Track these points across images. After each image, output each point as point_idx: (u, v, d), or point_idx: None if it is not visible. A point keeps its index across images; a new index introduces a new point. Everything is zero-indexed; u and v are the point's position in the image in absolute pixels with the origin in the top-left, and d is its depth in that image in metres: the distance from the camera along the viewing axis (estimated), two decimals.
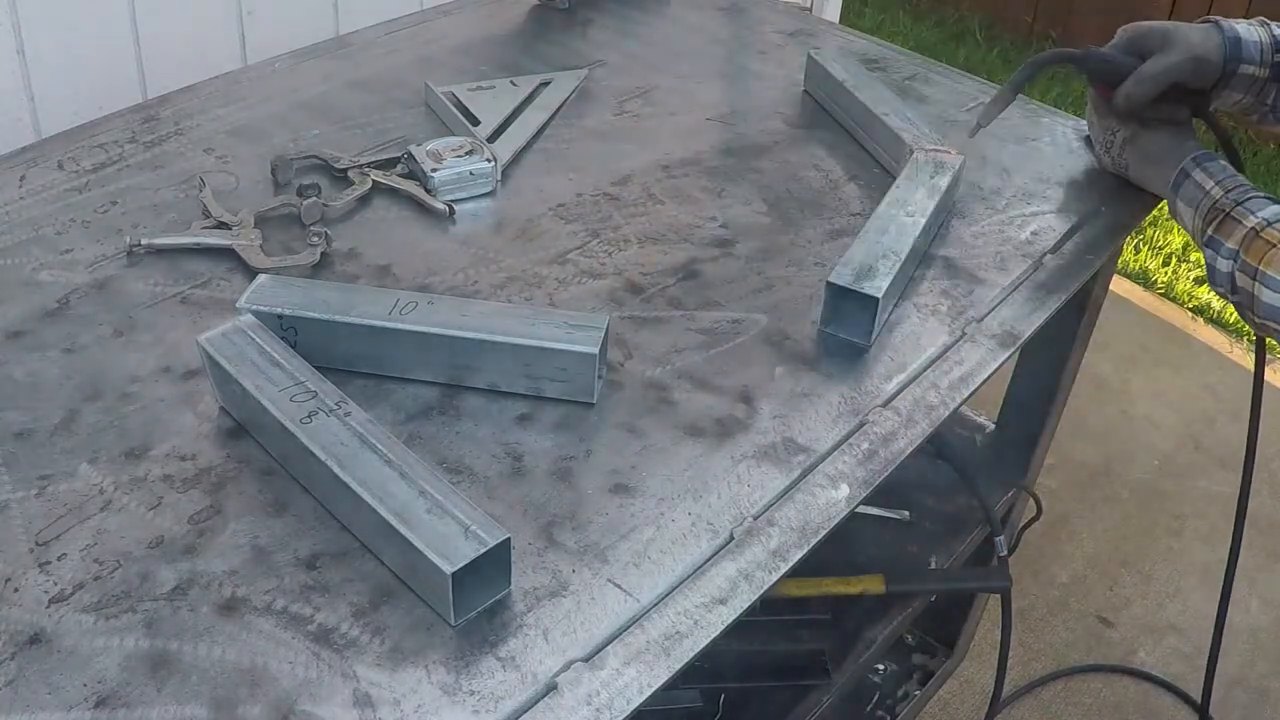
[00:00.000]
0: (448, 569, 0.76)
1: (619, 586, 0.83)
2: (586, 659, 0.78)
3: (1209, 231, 1.13)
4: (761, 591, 0.85)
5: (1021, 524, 1.76)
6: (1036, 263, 1.21)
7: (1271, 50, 1.22)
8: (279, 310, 0.97)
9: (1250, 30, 1.23)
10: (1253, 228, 1.09)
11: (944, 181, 1.21)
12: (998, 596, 1.61)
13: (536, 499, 0.90)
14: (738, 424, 0.98)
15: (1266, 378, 1.47)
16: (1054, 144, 1.44)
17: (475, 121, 1.38)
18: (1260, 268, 1.07)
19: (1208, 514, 2.43)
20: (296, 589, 0.81)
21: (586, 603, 0.82)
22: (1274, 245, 1.06)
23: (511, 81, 1.48)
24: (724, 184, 1.32)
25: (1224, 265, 1.11)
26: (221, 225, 1.16)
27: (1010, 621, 1.62)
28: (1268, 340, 1.23)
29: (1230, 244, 1.10)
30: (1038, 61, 1.26)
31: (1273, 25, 1.24)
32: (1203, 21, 1.25)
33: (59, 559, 0.82)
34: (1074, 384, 1.66)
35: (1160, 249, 3.23)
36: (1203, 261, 1.15)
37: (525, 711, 0.75)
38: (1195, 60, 1.22)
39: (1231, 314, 2.94)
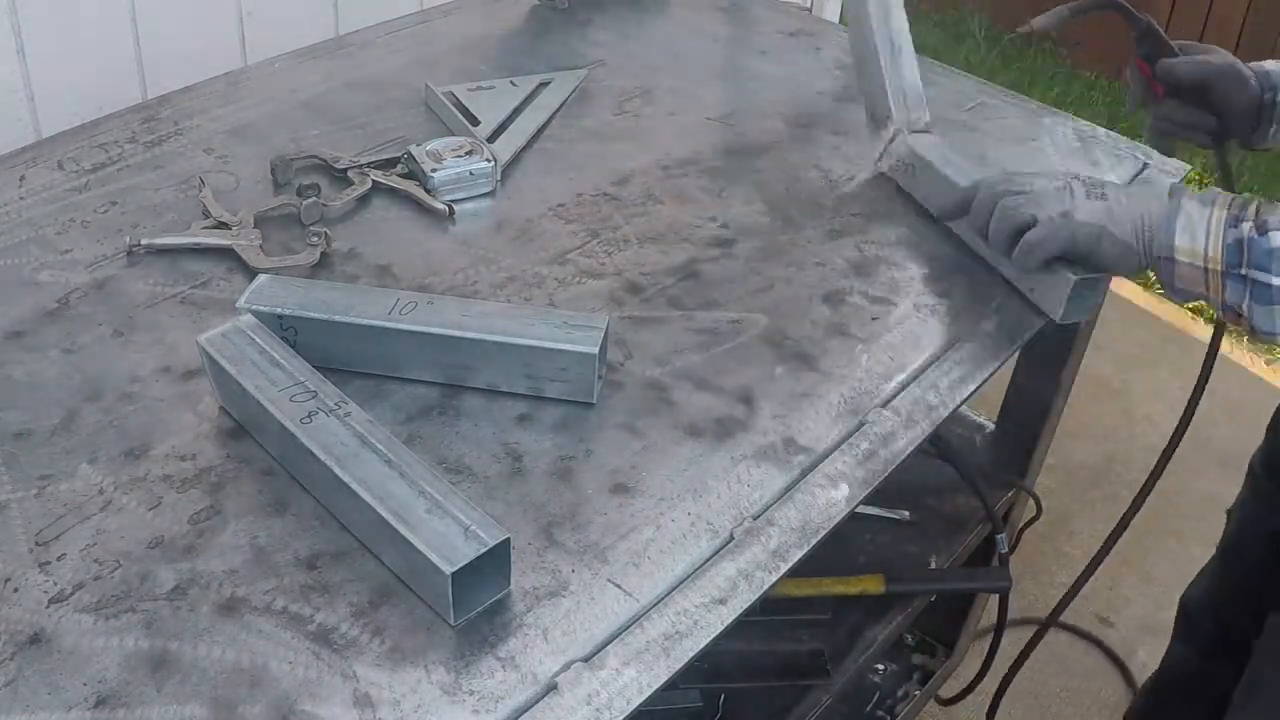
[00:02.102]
0: (447, 569, 0.76)
1: (619, 586, 0.83)
2: (586, 659, 0.78)
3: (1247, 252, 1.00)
4: (761, 591, 0.85)
5: (1021, 524, 1.76)
6: None
7: None
8: (279, 310, 0.97)
9: (1278, 65, 1.25)
10: None
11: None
12: (997, 596, 1.61)
13: (536, 499, 0.90)
14: (737, 424, 0.98)
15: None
16: (1054, 144, 1.44)
17: (475, 121, 1.38)
18: None
19: (1208, 514, 2.42)
20: (296, 589, 0.81)
21: (586, 603, 0.82)
22: None
23: (511, 81, 1.47)
24: (724, 184, 1.32)
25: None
26: (221, 225, 1.16)
27: (1005, 621, 1.62)
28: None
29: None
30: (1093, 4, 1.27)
31: None
32: None
33: (59, 559, 0.82)
34: (1074, 384, 1.66)
35: None
36: None
37: (525, 711, 0.75)
38: (1235, 66, 1.24)
39: None
